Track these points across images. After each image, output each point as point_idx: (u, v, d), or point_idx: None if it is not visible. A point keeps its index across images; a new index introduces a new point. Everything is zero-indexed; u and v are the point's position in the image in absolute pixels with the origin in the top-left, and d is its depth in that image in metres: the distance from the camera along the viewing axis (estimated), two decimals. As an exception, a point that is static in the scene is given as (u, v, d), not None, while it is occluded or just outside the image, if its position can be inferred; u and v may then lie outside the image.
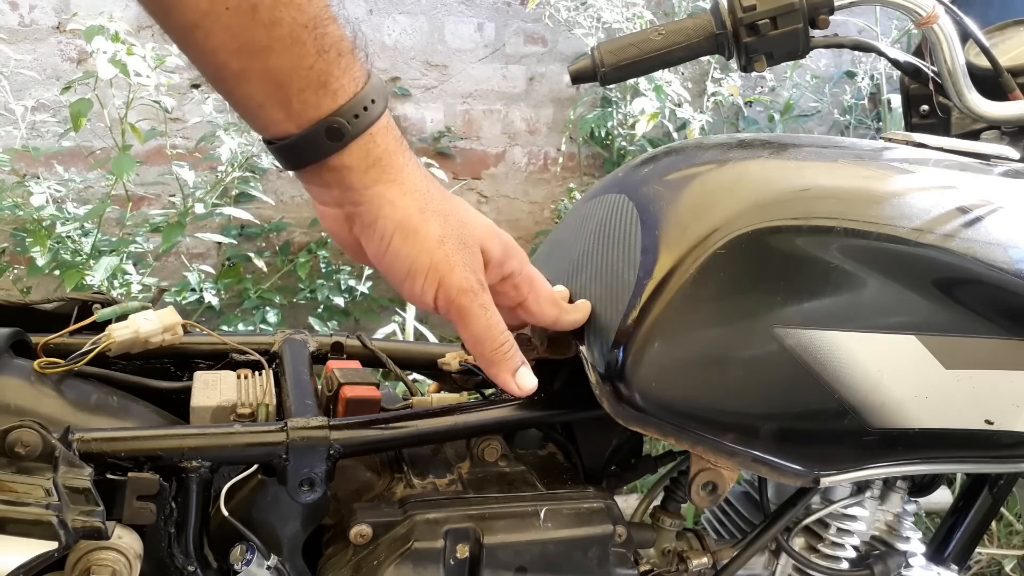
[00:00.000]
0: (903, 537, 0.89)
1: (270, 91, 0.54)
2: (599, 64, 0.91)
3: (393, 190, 0.58)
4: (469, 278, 0.61)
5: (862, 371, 0.70)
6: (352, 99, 0.55)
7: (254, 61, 0.52)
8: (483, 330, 0.63)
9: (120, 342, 0.74)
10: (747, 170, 0.75)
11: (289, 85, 0.53)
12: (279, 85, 0.53)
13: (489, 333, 0.63)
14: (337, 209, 0.61)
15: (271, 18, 0.51)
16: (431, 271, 0.60)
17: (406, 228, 0.59)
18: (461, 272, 0.61)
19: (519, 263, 0.67)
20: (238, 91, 0.54)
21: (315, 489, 0.66)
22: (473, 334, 0.63)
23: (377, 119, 0.57)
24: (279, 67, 0.52)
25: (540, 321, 0.70)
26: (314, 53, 0.53)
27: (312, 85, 0.54)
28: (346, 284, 2.44)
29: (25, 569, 0.55)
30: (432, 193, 0.60)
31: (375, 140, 0.57)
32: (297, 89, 0.54)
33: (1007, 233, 0.73)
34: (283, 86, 0.53)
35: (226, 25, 0.50)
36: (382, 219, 0.59)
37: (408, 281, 0.60)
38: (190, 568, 0.67)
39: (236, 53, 0.52)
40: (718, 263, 0.68)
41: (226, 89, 0.55)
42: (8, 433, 0.57)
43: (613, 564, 0.73)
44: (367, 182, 0.58)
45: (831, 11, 0.87)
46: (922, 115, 1.02)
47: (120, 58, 1.82)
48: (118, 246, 2.04)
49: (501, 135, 2.80)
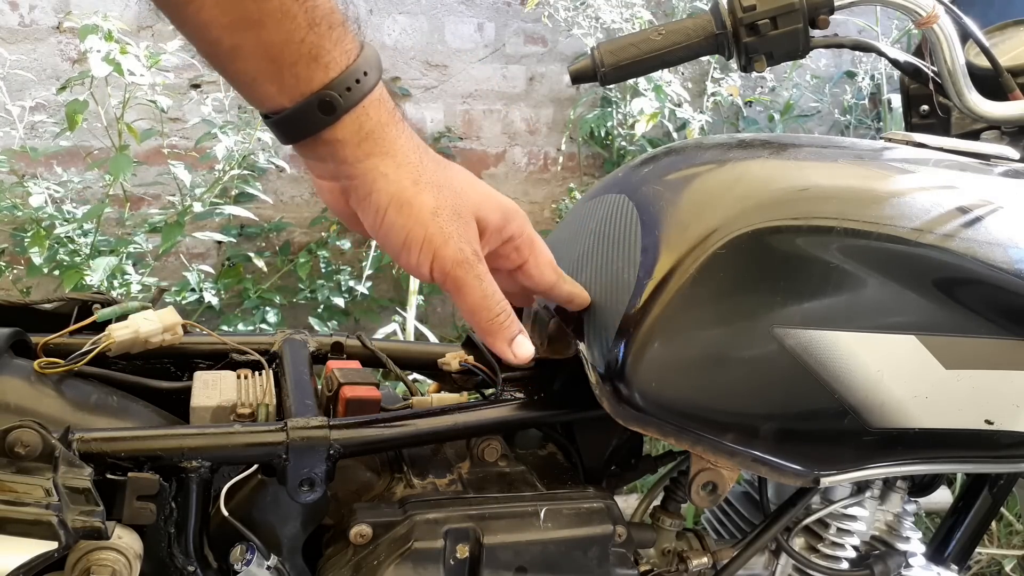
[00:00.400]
0: (903, 537, 0.89)
1: (262, 65, 0.54)
2: (599, 64, 0.91)
3: (386, 163, 0.59)
4: (464, 249, 0.61)
5: (862, 371, 0.70)
6: (344, 72, 0.56)
7: (246, 35, 0.53)
8: (479, 300, 0.63)
9: (120, 342, 0.74)
10: (747, 170, 0.75)
11: (281, 59, 0.54)
12: (271, 59, 0.54)
13: (485, 303, 0.63)
14: (333, 182, 0.61)
15: None
16: (425, 243, 0.60)
17: (400, 200, 0.59)
18: (455, 243, 0.61)
19: (519, 226, 0.67)
20: (232, 66, 0.55)
21: (315, 489, 0.66)
22: (469, 305, 0.63)
23: (370, 91, 0.57)
24: (270, 41, 0.53)
25: (538, 284, 0.71)
26: (305, 26, 0.53)
27: (303, 59, 0.54)
28: (346, 284, 2.44)
29: (25, 569, 0.55)
30: (426, 164, 0.61)
31: (368, 113, 0.57)
32: (289, 63, 0.54)
33: (1007, 233, 0.73)
34: (275, 60, 0.54)
35: None
36: (376, 192, 0.59)
37: (404, 253, 0.61)
38: (190, 568, 0.67)
39: (228, 28, 0.52)
40: (718, 263, 0.68)
41: (220, 65, 0.55)
42: (8, 433, 0.57)
43: (613, 564, 0.73)
44: (360, 155, 0.58)
45: (831, 11, 0.87)
46: (922, 115, 1.02)
47: (114, 57, 1.82)
48: (117, 246, 2.04)
49: (501, 135, 2.80)
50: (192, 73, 2.31)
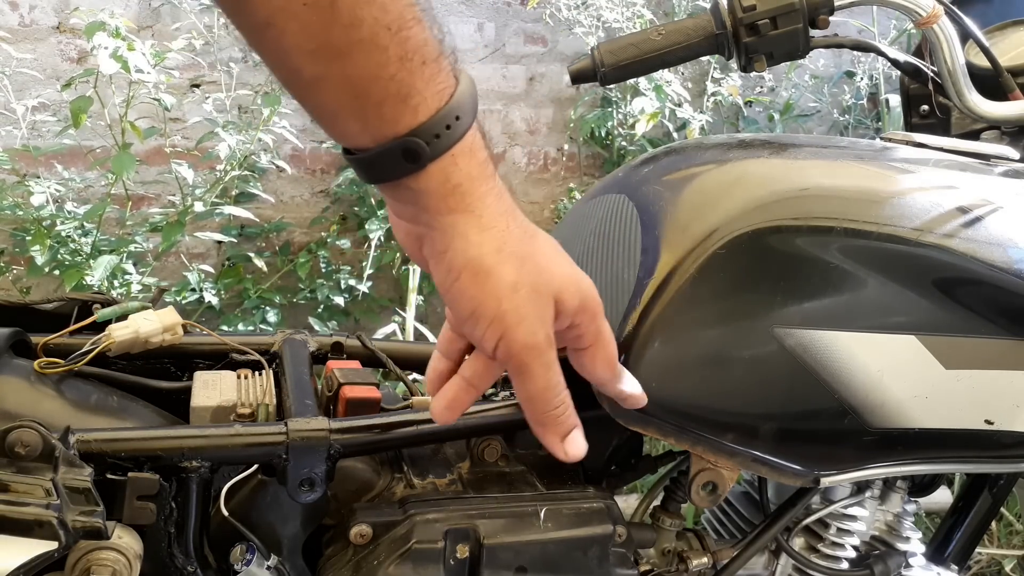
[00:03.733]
0: (903, 537, 0.89)
1: (346, 100, 0.49)
2: (599, 64, 0.90)
3: (470, 223, 0.53)
4: (537, 333, 0.56)
5: (862, 371, 0.70)
6: (434, 116, 0.50)
7: (331, 66, 0.48)
8: (540, 391, 0.58)
9: (120, 342, 0.74)
10: (747, 170, 0.76)
11: (367, 96, 0.49)
12: (356, 95, 0.49)
13: (546, 395, 0.58)
14: (411, 225, 0.56)
15: (351, 17, 0.46)
16: (496, 320, 0.55)
17: (478, 268, 0.54)
18: (529, 326, 0.55)
19: (591, 315, 0.60)
20: (312, 98, 0.50)
21: (315, 489, 0.66)
22: (529, 392, 0.58)
23: (460, 138, 0.52)
24: (357, 75, 0.48)
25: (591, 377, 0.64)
26: (396, 60, 0.48)
27: (391, 98, 0.49)
28: (346, 284, 2.44)
29: (25, 569, 0.55)
30: (512, 231, 0.55)
31: (456, 163, 0.52)
32: (375, 101, 0.49)
33: (1007, 233, 0.73)
34: (360, 96, 0.49)
35: (303, 23, 0.46)
36: (452, 251, 0.54)
37: (470, 322, 0.56)
38: (190, 568, 0.67)
39: (312, 56, 0.47)
40: (718, 263, 0.68)
41: (300, 95, 0.51)
42: (8, 433, 0.57)
43: (613, 564, 0.73)
44: (443, 209, 0.53)
45: (831, 11, 0.87)
46: (922, 115, 1.02)
47: (121, 54, 1.82)
48: (118, 246, 2.04)
49: (501, 135, 2.80)
50: (193, 73, 2.31)
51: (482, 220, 0.54)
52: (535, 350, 0.56)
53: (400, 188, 0.53)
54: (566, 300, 0.58)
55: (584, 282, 0.59)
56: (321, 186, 2.57)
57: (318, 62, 0.48)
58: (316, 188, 2.59)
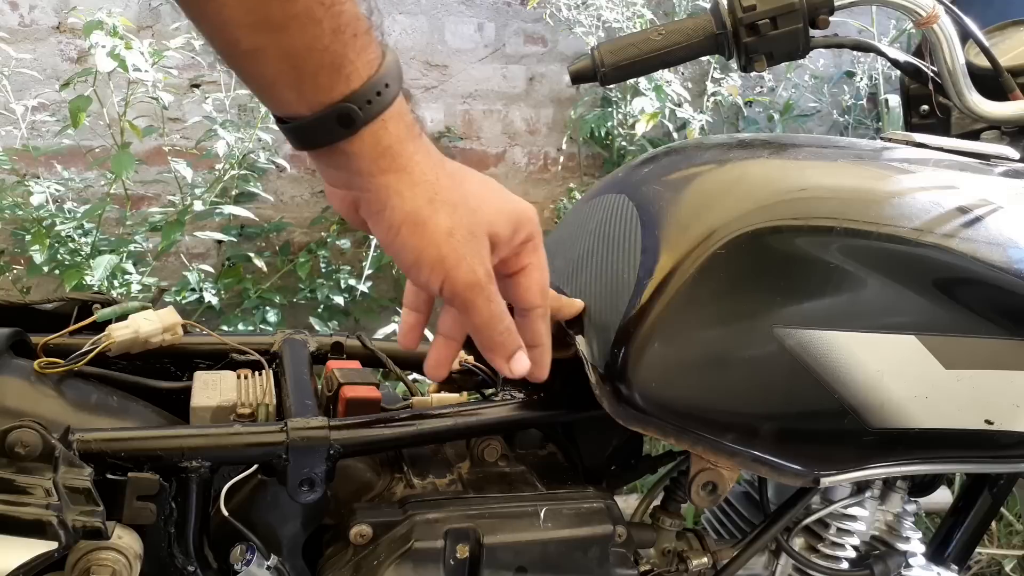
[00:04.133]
0: (903, 537, 0.89)
1: (282, 71, 0.52)
2: (599, 64, 0.90)
3: (402, 180, 0.57)
4: (476, 270, 0.60)
5: (862, 371, 0.70)
6: (365, 83, 0.54)
7: (268, 38, 0.51)
8: (486, 321, 0.63)
9: (120, 342, 0.74)
10: (747, 170, 0.76)
11: (302, 67, 0.52)
12: (292, 66, 0.52)
13: (492, 323, 0.63)
14: (345, 190, 0.60)
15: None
16: (437, 264, 0.59)
17: (415, 220, 0.58)
18: (468, 265, 0.60)
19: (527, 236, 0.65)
20: (250, 69, 0.53)
21: (315, 489, 0.66)
22: (476, 324, 0.63)
23: (390, 104, 0.56)
24: (293, 47, 0.51)
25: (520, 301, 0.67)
26: (329, 32, 0.51)
27: (325, 68, 0.53)
28: (346, 284, 2.44)
29: (25, 569, 0.55)
30: (442, 182, 0.59)
31: (386, 127, 0.56)
32: (311, 71, 0.52)
33: (1007, 233, 0.73)
34: (296, 67, 0.52)
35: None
36: (390, 209, 0.58)
37: (415, 270, 0.60)
38: (190, 568, 0.67)
39: (250, 28, 0.50)
40: (718, 263, 0.68)
41: (237, 65, 0.54)
42: (8, 433, 0.57)
43: (613, 564, 0.73)
44: (375, 170, 0.57)
45: (831, 11, 0.87)
46: (922, 115, 1.02)
47: (119, 52, 1.82)
48: (117, 245, 2.04)
49: (501, 135, 2.80)
50: (192, 72, 2.31)
51: (413, 176, 0.58)
52: (476, 287, 0.60)
53: (335, 154, 0.56)
54: (500, 232, 0.62)
55: (516, 209, 0.64)
56: (321, 186, 2.56)
57: (256, 34, 0.51)
58: (316, 188, 2.59)
